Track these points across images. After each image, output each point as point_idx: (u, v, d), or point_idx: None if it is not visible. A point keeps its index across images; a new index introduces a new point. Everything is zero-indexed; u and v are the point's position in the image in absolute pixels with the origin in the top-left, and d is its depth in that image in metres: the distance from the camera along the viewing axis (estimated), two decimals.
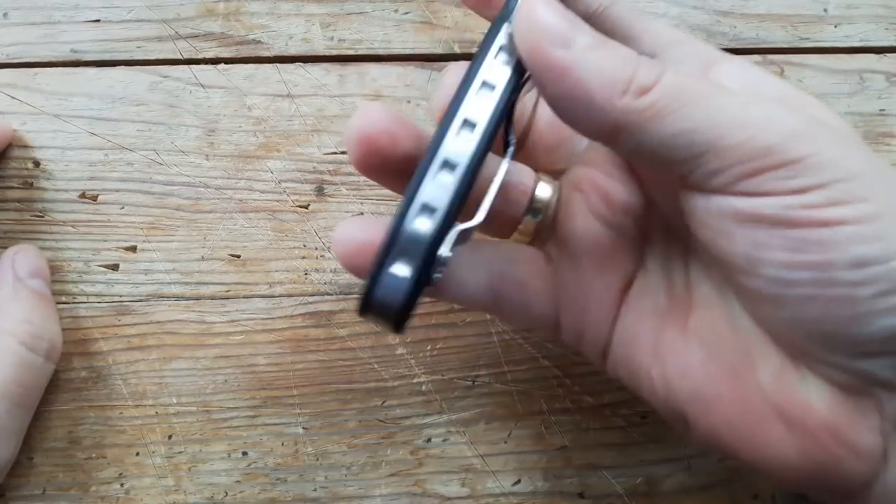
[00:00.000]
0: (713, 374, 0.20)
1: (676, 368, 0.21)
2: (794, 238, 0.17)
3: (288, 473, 0.27)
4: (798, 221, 0.17)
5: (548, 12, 0.18)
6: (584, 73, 0.17)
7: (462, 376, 0.28)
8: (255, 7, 0.29)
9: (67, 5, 0.29)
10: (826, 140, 0.17)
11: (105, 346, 0.27)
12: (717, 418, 0.20)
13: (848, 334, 0.17)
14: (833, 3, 0.29)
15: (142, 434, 0.27)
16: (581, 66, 0.17)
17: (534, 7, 0.18)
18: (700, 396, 0.20)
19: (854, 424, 0.18)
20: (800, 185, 0.17)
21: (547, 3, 0.18)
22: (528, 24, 0.18)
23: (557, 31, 0.18)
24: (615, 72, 0.17)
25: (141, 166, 0.28)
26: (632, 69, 0.17)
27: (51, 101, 0.28)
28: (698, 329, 0.21)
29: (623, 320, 0.22)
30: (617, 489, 0.27)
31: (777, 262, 0.17)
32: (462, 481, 0.27)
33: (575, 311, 0.23)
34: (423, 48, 0.29)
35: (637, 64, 0.18)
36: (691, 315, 0.21)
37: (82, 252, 0.28)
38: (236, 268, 0.28)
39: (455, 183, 0.18)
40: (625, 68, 0.17)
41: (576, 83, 0.17)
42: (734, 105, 0.17)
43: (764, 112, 0.17)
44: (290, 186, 0.28)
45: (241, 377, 0.27)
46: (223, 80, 0.28)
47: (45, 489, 0.27)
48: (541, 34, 0.18)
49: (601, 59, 0.17)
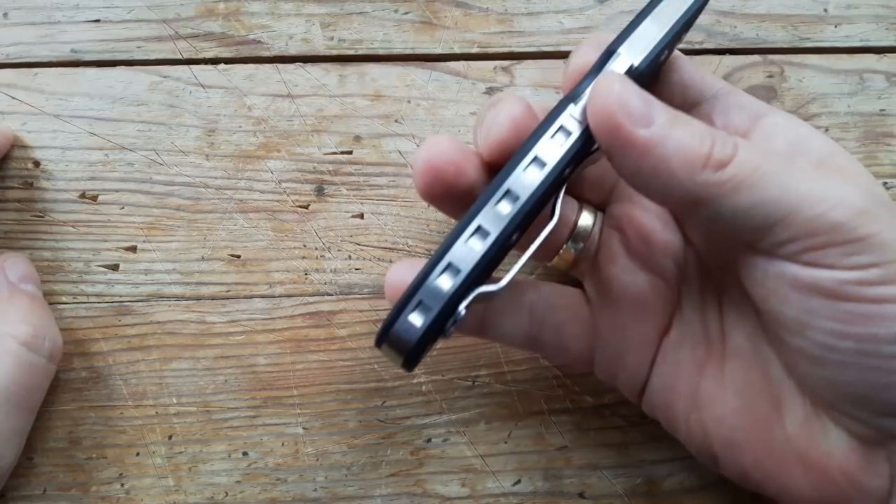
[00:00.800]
0: (747, 422, 0.22)
1: (713, 416, 0.22)
2: (845, 310, 0.18)
3: (288, 474, 0.27)
4: (851, 296, 0.18)
5: (626, 91, 0.18)
6: (666, 151, 0.18)
7: (462, 376, 0.28)
8: (255, 7, 0.29)
9: (67, 5, 0.28)
10: (886, 220, 0.18)
11: (105, 347, 0.27)
12: (747, 460, 0.22)
13: (879, 398, 0.19)
14: (833, 3, 0.29)
15: (142, 434, 0.27)
16: (663, 144, 0.18)
17: (611, 86, 0.19)
18: (733, 442, 0.22)
19: (866, 470, 0.20)
20: (859, 263, 0.18)
21: (623, 81, 0.19)
22: (606, 103, 0.18)
23: (637, 109, 0.18)
24: (695, 148, 0.18)
25: (141, 166, 0.28)
26: (709, 144, 0.18)
27: (51, 101, 0.28)
28: (734, 379, 0.22)
29: (661, 366, 0.23)
30: (617, 489, 0.27)
31: (825, 330, 0.18)
32: (462, 481, 0.27)
33: (611, 355, 0.24)
34: (423, 48, 0.29)
35: (713, 139, 0.18)
36: (727, 364, 0.22)
37: (82, 252, 0.28)
38: (236, 268, 0.28)
39: (482, 250, 0.19)
40: (703, 144, 0.18)
41: (659, 160, 0.18)
42: (806, 180, 0.18)
43: (833, 189, 0.18)
44: (290, 186, 0.28)
45: (242, 377, 0.27)
46: (223, 80, 0.28)
47: (45, 489, 0.27)
48: (620, 113, 0.18)
49: (681, 137, 0.18)
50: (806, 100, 0.29)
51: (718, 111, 0.22)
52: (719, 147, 0.18)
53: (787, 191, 0.18)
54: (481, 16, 0.29)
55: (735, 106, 0.22)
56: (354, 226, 0.28)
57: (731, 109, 0.22)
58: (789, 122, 0.22)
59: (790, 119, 0.22)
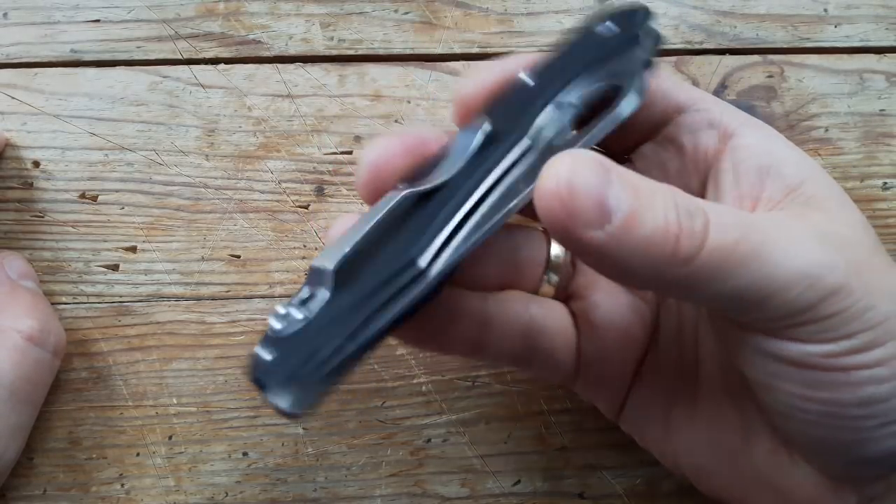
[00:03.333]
0: (714, 453, 0.22)
1: (682, 445, 0.22)
2: (810, 378, 0.18)
3: (288, 474, 0.27)
4: (818, 365, 0.18)
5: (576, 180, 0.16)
6: (625, 253, 0.16)
7: (462, 377, 0.28)
8: (255, 7, 0.29)
9: (67, 5, 0.28)
10: (862, 290, 0.17)
11: (105, 347, 0.27)
12: (716, 484, 0.22)
13: (847, 453, 0.19)
14: (833, 3, 0.29)
15: (142, 434, 0.27)
16: (621, 246, 0.16)
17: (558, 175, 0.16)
18: (702, 469, 0.22)
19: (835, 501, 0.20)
20: (826, 338, 0.17)
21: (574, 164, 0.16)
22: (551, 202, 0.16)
23: (588, 208, 0.16)
24: (658, 245, 0.16)
25: (141, 166, 0.28)
26: (674, 237, 0.16)
27: (51, 101, 0.28)
28: (704, 408, 0.22)
29: (637, 389, 0.23)
30: (617, 489, 0.27)
31: (790, 393, 0.18)
32: (462, 481, 0.27)
33: (593, 375, 0.23)
34: (423, 48, 0.29)
35: (680, 228, 0.16)
36: (698, 392, 0.22)
37: (82, 252, 0.28)
38: (236, 268, 0.28)
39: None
40: (667, 237, 0.16)
41: (618, 262, 0.16)
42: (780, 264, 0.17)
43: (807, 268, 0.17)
44: (290, 186, 0.28)
45: (242, 378, 0.27)
46: (223, 80, 0.28)
47: (45, 489, 0.27)
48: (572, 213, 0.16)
49: (642, 234, 0.16)
50: (806, 100, 0.29)
51: (687, 131, 0.21)
52: (686, 238, 0.16)
53: (759, 277, 0.17)
54: (481, 16, 0.29)
55: (705, 125, 0.21)
56: None
57: (701, 130, 0.21)
58: (761, 143, 0.20)
59: (762, 138, 0.20)
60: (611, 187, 0.16)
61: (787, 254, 0.17)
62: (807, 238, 0.18)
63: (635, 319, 0.23)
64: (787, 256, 0.17)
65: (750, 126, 0.21)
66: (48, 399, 0.27)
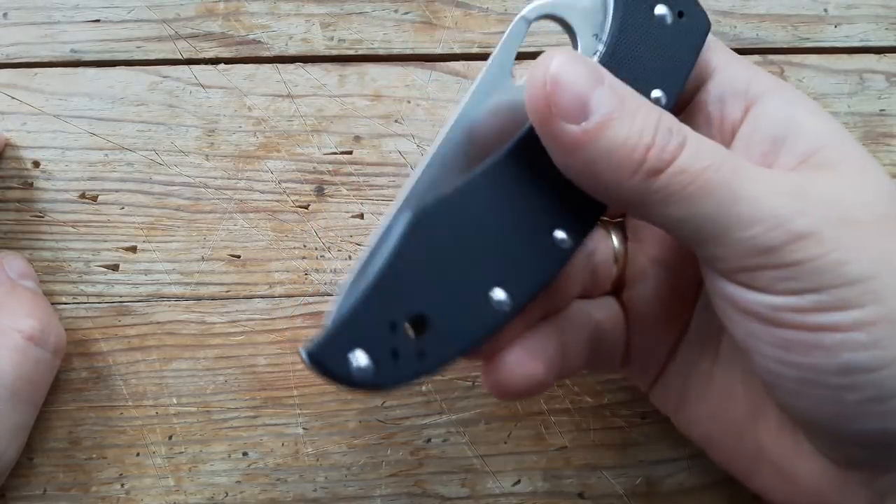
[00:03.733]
0: (723, 426, 0.21)
1: (693, 414, 0.22)
2: (782, 337, 0.17)
3: (288, 474, 0.27)
4: (786, 323, 0.17)
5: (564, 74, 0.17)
6: (593, 153, 0.17)
7: (462, 376, 0.28)
8: (255, 7, 0.29)
9: (67, 5, 0.28)
10: (835, 241, 0.16)
11: (105, 347, 0.27)
12: (723, 457, 0.22)
13: (834, 428, 0.18)
14: (833, 3, 0.29)
15: (142, 434, 0.27)
16: (592, 144, 0.16)
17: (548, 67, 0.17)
18: (711, 441, 0.22)
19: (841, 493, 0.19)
20: (791, 288, 0.16)
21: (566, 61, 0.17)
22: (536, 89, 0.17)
23: (570, 100, 0.16)
24: (627, 152, 0.16)
25: (141, 166, 0.28)
26: (644, 148, 0.16)
27: (51, 101, 0.28)
28: (718, 383, 0.22)
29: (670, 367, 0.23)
30: (617, 489, 0.27)
31: (767, 356, 0.18)
32: (462, 481, 0.27)
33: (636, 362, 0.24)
34: (423, 48, 0.29)
35: (654, 140, 0.17)
36: (716, 365, 0.22)
37: (82, 252, 0.28)
38: (236, 268, 0.28)
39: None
40: (637, 147, 0.16)
41: (585, 162, 0.17)
42: (747, 198, 0.16)
43: (775, 208, 0.16)
44: (290, 186, 0.28)
45: (242, 378, 0.27)
46: (223, 80, 0.28)
47: (45, 489, 0.27)
48: (550, 103, 0.17)
49: (614, 137, 0.16)
50: None
51: (715, 100, 0.20)
52: (656, 152, 0.16)
53: (722, 208, 0.16)
54: (481, 16, 0.29)
55: (730, 93, 0.20)
56: (354, 226, 0.28)
57: (727, 98, 0.20)
58: (781, 108, 0.19)
59: (784, 104, 0.20)
60: (598, 89, 0.17)
61: (755, 193, 0.17)
62: (784, 184, 0.17)
63: (677, 302, 0.23)
64: (754, 195, 0.16)
65: (775, 92, 0.20)
66: (48, 399, 0.27)
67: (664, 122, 0.17)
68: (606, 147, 0.16)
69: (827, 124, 0.19)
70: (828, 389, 0.17)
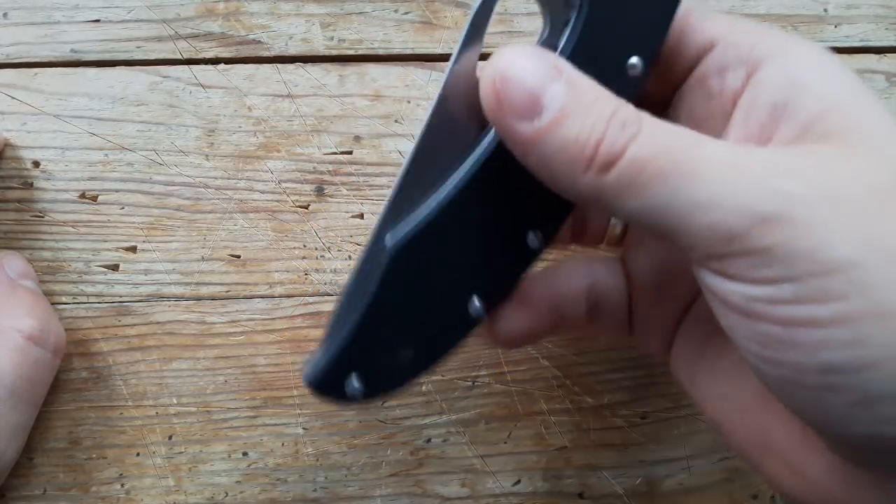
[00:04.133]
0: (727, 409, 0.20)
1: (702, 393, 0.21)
2: (758, 332, 0.16)
3: (288, 474, 0.27)
4: (762, 315, 0.15)
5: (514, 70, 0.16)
6: (545, 151, 0.16)
7: (462, 376, 0.28)
8: (255, 7, 0.29)
9: (67, 5, 0.28)
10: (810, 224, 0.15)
11: (105, 347, 0.27)
12: (732, 440, 0.20)
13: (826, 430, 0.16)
14: (833, 3, 0.29)
15: (142, 434, 0.27)
16: (543, 142, 0.16)
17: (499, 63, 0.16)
18: (719, 420, 0.20)
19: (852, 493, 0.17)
20: (766, 277, 0.15)
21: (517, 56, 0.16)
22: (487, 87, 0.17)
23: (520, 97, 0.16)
24: (578, 149, 0.16)
25: (141, 166, 0.28)
26: (595, 143, 0.16)
27: (51, 101, 0.28)
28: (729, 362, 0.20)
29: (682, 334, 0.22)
30: (617, 489, 0.27)
31: (748, 351, 0.16)
32: (462, 481, 0.27)
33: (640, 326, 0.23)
34: (423, 48, 0.29)
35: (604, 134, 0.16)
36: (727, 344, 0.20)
37: (82, 252, 0.28)
38: (236, 268, 0.28)
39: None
40: (588, 142, 0.16)
41: (539, 160, 0.17)
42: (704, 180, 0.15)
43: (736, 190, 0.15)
44: (290, 186, 0.28)
45: (242, 378, 0.27)
46: (223, 80, 0.28)
47: (45, 489, 0.27)
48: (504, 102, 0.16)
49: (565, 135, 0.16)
50: None
51: (715, 72, 0.19)
52: (606, 146, 0.16)
53: (678, 194, 0.15)
54: None
55: (732, 61, 0.19)
56: (354, 226, 0.28)
57: (728, 67, 0.19)
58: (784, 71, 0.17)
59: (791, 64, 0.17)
60: (552, 85, 0.16)
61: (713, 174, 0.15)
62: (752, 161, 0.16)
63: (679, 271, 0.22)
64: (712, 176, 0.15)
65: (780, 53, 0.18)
66: (48, 399, 0.27)
67: (619, 115, 0.16)
68: (559, 145, 0.16)
69: (839, 84, 0.17)
70: (810, 390, 0.15)
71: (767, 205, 0.15)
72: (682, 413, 0.28)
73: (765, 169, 0.15)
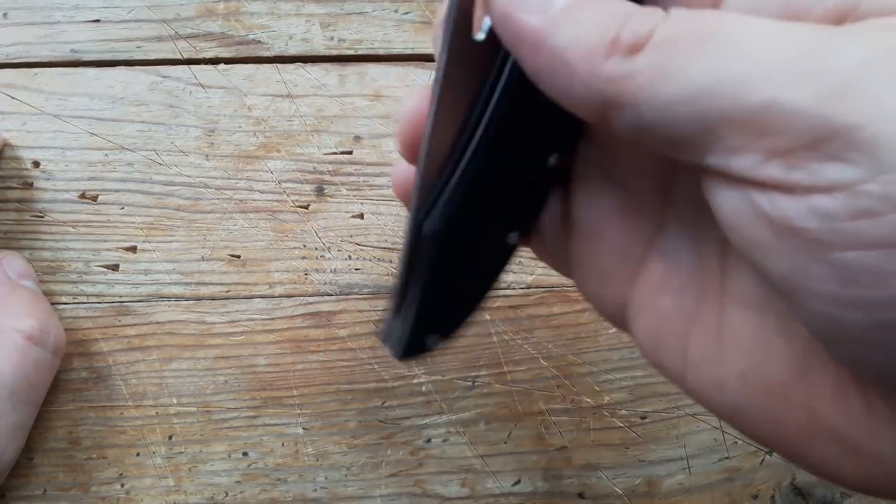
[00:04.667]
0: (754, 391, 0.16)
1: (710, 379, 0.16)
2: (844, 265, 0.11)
3: (288, 474, 0.27)
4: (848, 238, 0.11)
5: None
6: (561, 40, 0.14)
7: (462, 377, 0.28)
8: (255, 7, 0.29)
9: (67, 5, 0.28)
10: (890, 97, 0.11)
11: (105, 347, 0.27)
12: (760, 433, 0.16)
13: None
14: None
15: (142, 434, 0.27)
16: (558, 31, 0.14)
17: None
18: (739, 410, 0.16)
19: None
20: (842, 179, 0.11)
21: None
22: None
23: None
24: (599, 32, 0.13)
25: (141, 166, 0.28)
26: (617, 26, 0.13)
27: (51, 101, 0.28)
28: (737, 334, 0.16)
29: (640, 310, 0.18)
30: (616, 489, 0.27)
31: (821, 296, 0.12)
32: (462, 481, 0.27)
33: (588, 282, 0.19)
34: (423, 48, 0.29)
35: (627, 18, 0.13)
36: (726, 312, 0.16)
37: (82, 252, 0.28)
38: (236, 268, 0.28)
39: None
40: (609, 27, 0.13)
41: (553, 54, 0.14)
42: (752, 49, 0.12)
43: (795, 55, 0.12)
44: (290, 186, 0.28)
45: (242, 378, 0.27)
46: (223, 80, 0.28)
47: (45, 489, 0.27)
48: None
49: (582, 21, 0.13)
50: None
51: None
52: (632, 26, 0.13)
53: (723, 67, 0.12)
54: None
55: None
56: (354, 226, 0.28)
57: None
58: None
59: None
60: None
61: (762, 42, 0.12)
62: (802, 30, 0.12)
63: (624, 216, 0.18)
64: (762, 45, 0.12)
65: None
66: (48, 399, 0.27)
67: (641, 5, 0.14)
68: (576, 31, 0.13)
69: None
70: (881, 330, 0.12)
71: (836, 76, 0.11)
72: (682, 413, 0.28)
73: (818, 37, 0.12)
